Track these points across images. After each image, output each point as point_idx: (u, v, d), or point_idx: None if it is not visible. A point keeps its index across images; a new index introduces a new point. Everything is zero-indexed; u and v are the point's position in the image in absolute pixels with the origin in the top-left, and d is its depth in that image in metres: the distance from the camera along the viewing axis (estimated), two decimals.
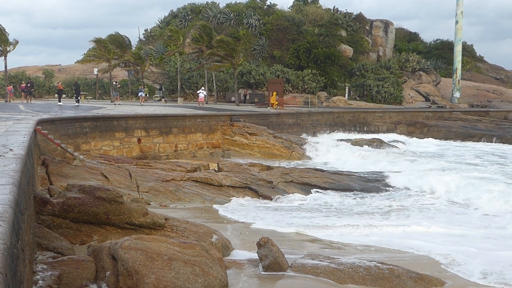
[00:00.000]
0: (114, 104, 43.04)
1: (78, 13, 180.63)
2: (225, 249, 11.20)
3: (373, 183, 21.73)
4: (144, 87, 51.28)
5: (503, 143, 39.82)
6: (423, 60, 69.35)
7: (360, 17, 71.16)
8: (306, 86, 58.84)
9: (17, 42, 42.68)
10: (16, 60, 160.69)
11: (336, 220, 15.38)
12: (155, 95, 56.32)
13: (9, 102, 41.06)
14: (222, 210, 16.39)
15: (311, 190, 20.18)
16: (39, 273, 8.20)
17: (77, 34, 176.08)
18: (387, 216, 16.19)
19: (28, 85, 43.95)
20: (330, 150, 31.36)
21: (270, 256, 9.75)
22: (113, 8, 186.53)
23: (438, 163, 27.36)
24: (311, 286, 9.20)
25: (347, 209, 17.40)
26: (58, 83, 46.02)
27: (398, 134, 45.76)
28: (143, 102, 45.85)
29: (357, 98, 59.92)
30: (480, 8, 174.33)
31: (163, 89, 57.77)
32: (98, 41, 49.99)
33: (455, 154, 33.31)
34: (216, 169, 22.38)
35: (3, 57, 42.34)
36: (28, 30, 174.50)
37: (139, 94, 47.57)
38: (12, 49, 42.61)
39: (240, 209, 16.64)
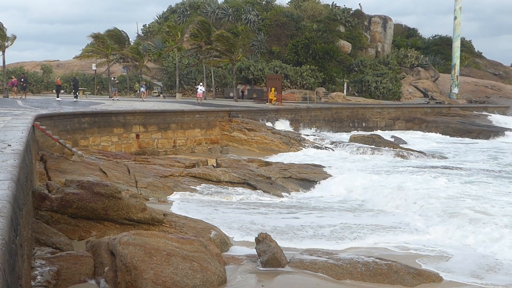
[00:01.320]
0: (113, 99, 42.99)
1: (75, 8, 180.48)
2: (224, 245, 11.21)
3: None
4: (136, 83, 51.31)
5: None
6: (422, 56, 69.31)
7: (358, 13, 71.05)
8: (304, 82, 58.81)
9: (15, 37, 42.53)
10: (13, 55, 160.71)
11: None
12: (153, 91, 56.28)
13: (8, 97, 40.93)
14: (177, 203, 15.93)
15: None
16: (38, 268, 8.20)
17: (75, 29, 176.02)
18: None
19: (22, 80, 43.42)
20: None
21: (269, 252, 9.75)
22: (110, 3, 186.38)
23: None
24: (309, 282, 9.20)
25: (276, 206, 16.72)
26: (57, 78, 45.87)
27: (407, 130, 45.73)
28: (144, 97, 45.80)
29: (356, 94, 59.90)
30: (477, 3, 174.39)
31: (161, 86, 57.77)
32: (96, 36, 49.83)
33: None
34: (215, 165, 22.37)
35: (1, 52, 42.22)
36: (25, 25, 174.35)
37: (141, 90, 47.58)
38: (10, 45, 42.48)
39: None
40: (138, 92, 52.07)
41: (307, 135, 35.61)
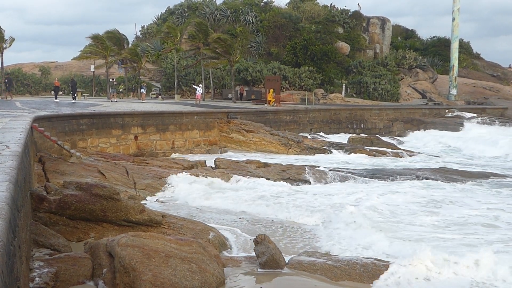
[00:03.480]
0: (111, 101, 42.98)
1: (72, 9, 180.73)
2: (222, 246, 11.21)
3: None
4: (121, 84, 51.38)
5: None
6: (420, 57, 69.43)
7: (357, 14, 71.15)
8: (303, 83, 58.85)
9: (13, 39, 42.49)
10: (11, 57, 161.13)
11: None
12: (152, 92, 56.30)
13: (6, 98, 40.82)
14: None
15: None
16: (36, 270, 8.19)
17: (72, 30, 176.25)
18: None
19: (6, 81, 42.08)
20: None
21: (267, 253, 9.74)
22: (107, 4, 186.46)
23: None
24: (308, 283, 9.20)
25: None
26: (55, 80, 45.80)
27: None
28: (143, 99, 45.80)
29: (354, 95, 59.96)
30: (475, 5, 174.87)
31: (159, 87, 57.80)
32: (95, 37, 49.83)
33: None
34: (213, 166, 22.35)
35: None
36: (22, 27, 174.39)
37: (141, 91, 47.62)
38: (8, 46, 42.46)
39: None
40: (122, 92, 52.17)
41: (306, 137, 35.62)
